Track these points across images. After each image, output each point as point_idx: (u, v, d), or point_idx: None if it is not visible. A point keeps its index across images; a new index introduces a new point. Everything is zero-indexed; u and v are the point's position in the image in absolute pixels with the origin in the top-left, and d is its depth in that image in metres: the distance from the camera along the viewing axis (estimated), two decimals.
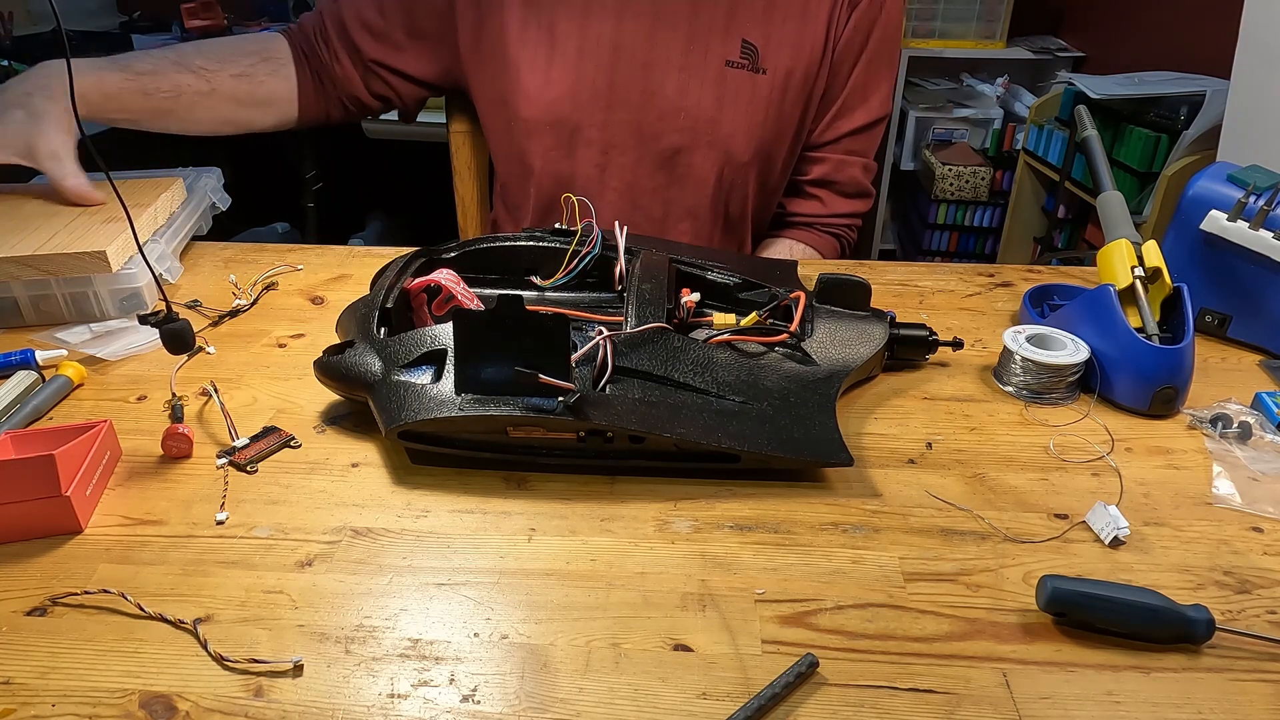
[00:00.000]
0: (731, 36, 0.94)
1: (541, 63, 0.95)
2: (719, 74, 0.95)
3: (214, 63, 0.97)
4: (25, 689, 0.43)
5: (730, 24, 0.94)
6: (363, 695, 0.43)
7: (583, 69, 0.95)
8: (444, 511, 0.56)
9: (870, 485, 0.58)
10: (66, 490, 0.52)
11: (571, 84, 0.95)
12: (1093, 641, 0.46)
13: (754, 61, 0.95)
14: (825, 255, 1.08)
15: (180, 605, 0.48)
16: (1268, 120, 1.29)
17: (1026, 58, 2.54)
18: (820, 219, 1.09)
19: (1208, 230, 0.73)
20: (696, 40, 0.94)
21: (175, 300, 0.82)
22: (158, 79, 0.93)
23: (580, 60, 0.94)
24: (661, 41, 0.94)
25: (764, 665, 0.45)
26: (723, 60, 0.94)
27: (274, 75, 1.01)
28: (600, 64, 0.94)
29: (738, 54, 0.94)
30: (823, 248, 1.09)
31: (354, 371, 0.60)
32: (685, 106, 0.95)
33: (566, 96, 0.95)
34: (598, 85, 0.95)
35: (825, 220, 1.09)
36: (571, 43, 0.95)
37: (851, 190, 1.07)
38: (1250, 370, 0.73)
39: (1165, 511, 0.56)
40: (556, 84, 0.95)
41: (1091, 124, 0.83)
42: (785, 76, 0.96)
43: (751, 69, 0.95)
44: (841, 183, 1.06)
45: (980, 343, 0.76)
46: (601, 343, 0.58)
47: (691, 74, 0.94)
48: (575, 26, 0.94)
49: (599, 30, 0.94)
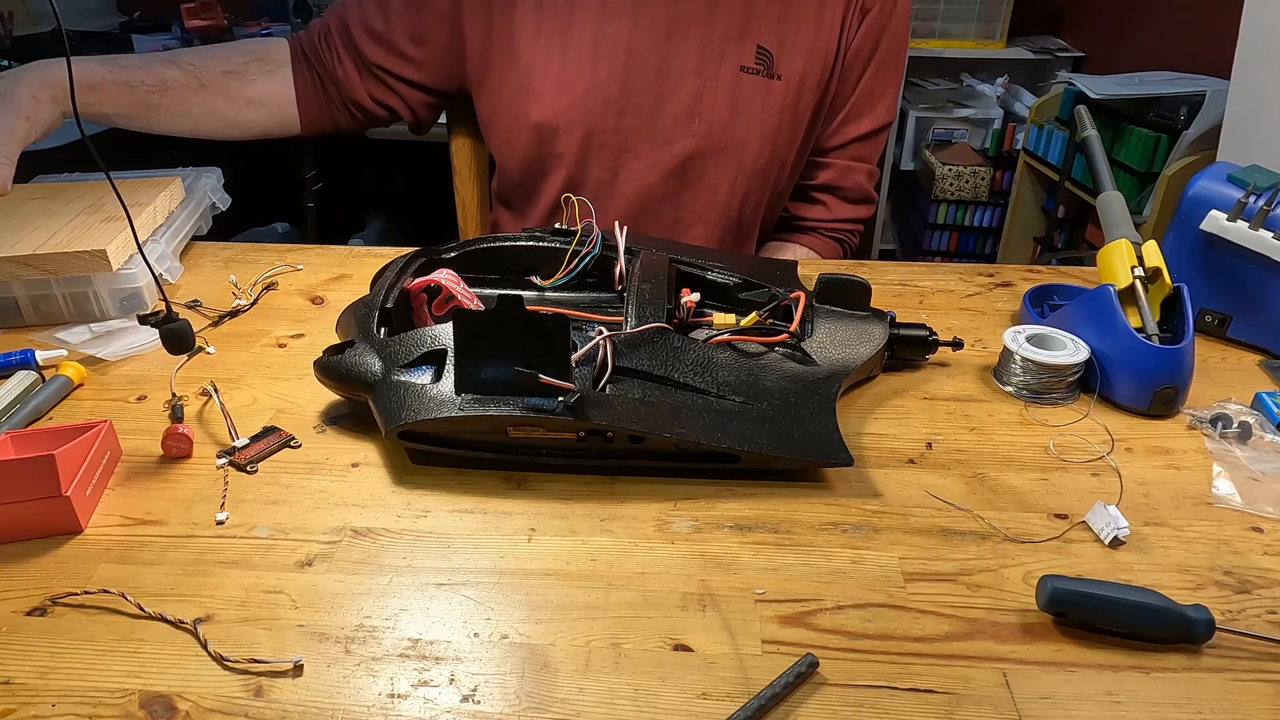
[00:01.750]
0: (746, 42, 0.94)
1: (554, 67, 0.95)
2: (733, 80, 0.94)
3: (204, 60, 0.98)
4: (25, 689, 0.43)
5: (745, 30, 0.94)
6: (363, 695, 0.43)
7: (596, 73, 0.94)
8: (444, 511, 0.56)
9: (870, 485, 0.58)
10: (66, 490, 0.52)
11: (585, 88, 0.94)
12: (1093, 641, 0.46)
13: (769, 67, 0.94)
14: (827, 259, 1.08)
15: (180, 605, 0.48)
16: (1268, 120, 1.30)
17: (1026, 58, 2.54)
18: (824, 224, 1.09)
19: (1208, 230, 0.73)
20: (711, 46, 0.94)
21: (175, 300, 0.82)
22: (143, 73, 0.93)
23: (594, 65, 0.94)
24: (676, 46, 0.94)
25: (764, 665, 0.45)
26: (737, 66, 0.94)
27: (267, 75, 1.00)
28: (614, 68, 0.94)
29: (752, 60, 0.94)
30: (825, 252, 1.09)
31: (354, 371, 0.60)
32: (699, 112, 0.95)
33: (580, 101, 0.95)
34: (611, 90, 0.94)
35: (829, 225, 1.09)
36: (585, 47, 0.94)
37: (856, 196, 1.07)
38: (1250, 370, 0.73)
39: (1165, 511, 0.56)
40: (569, 88, 0.95)
41: (1091, 124, 0.82)
42: (799, 82, 0.96)
43: (766, 75, 0.95)
44: (847, 188, 1.06)
45: (980, 343, 0.76)
46: (601, 343, 0.58)
47: (706, 79, 0.94)
48: (589, 31, 0.94)
49: (614, 34, 0.94)
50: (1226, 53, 1.38)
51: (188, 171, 0.98)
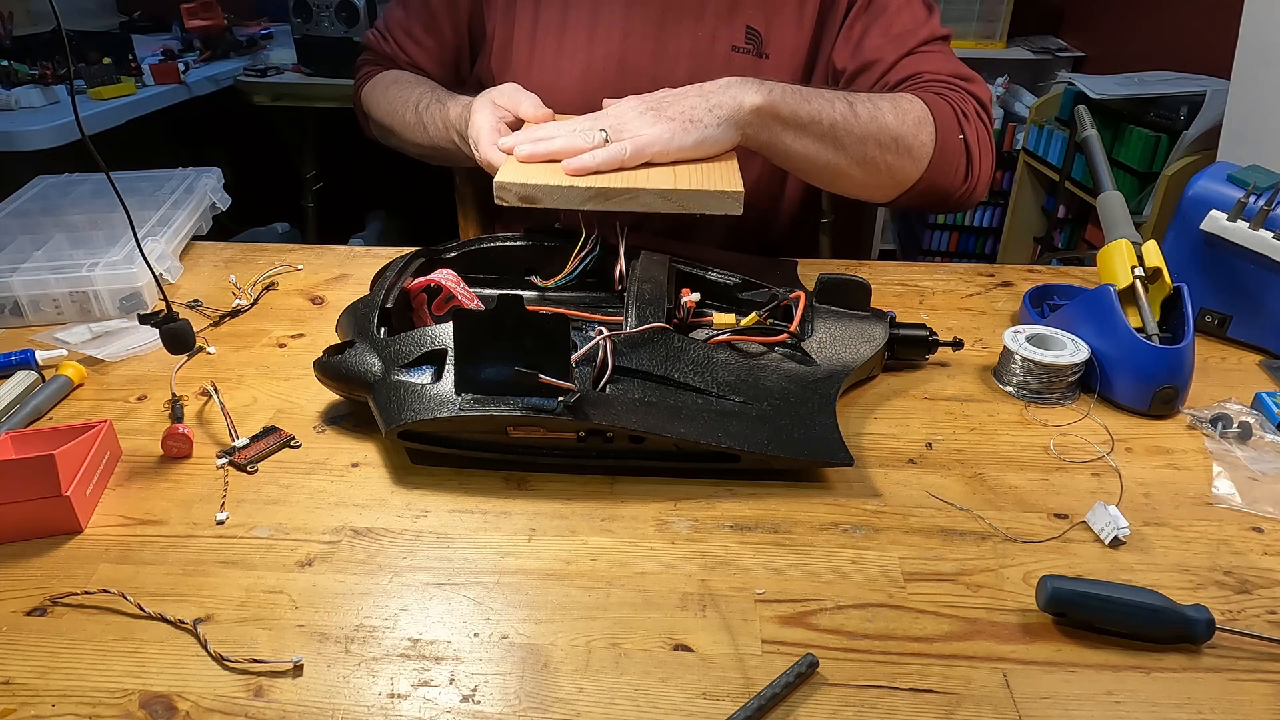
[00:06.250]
0: (735, 23, 0.95)
1: (551, 51, 0.96)
2: (726, 60, 0.95)
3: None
4: (25, 689, 0.43)
5: (734, 10, 0.94)
6: (363, 695, 0.43)
7: (593, 56, 0.95)
8: (444, 511, 0.56)
9: (870, 485, 0.58)
10: (66, 490, 0.52)
11: (582, 71, 0.96)
12: (1093, 641, 0.46)
13: (758, 47, 0.95)
14: (937, 114, 0.85)
15: (180, 605, 0.48)
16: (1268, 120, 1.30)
17: (1026, 58, 2.54)
18: (921, 81, 0.89)
19: (1208, 230, 0.73)
20: (703, 27, 0.95)
21: (175, 300, 0.82)
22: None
23: (590, 47, 0.96)
24: (670, 29, 0.95)
25: (764, 665, 0.45)
26: (729, 46, 0.95)
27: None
28: (610, 51, 0.95)
29: (743, 39, 0.95)
30: (937, 114, 0.85)
31: (354, 371, 0.60)
32: None
33: (577, 84, 0.96)
34: (608, 72, 0.95)
35: (925, 81, 0.88)
36: (582, 30, 0.96)
37: (945, 73, 0.88)
38: (1250, 370, 0.73)
39: (1165, 511, 0.56)
40: (567, 72, 0.96)
41: (1091, 124, 0.82)
42: (789, 60, 0.96)
43: (756, 54, 0.95)
44: (924, 73, 0.88)
45: (980, 343, 0.76)
46: (601, 343, 0.58)
47: (699, 60, 0.95)
48: (585, 14, 0.96)
49: (609, 18, 0.95)
50: (1226, 53, 1.38)
51: (188, 171, 0.98)
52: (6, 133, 1.56)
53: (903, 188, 0.85)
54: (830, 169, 0.82)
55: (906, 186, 0.85)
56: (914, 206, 0.91)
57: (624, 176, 0.71)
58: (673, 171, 0.73)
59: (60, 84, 1.74)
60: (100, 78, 1.77)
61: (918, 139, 0.82)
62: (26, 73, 1.75)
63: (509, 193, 0.70)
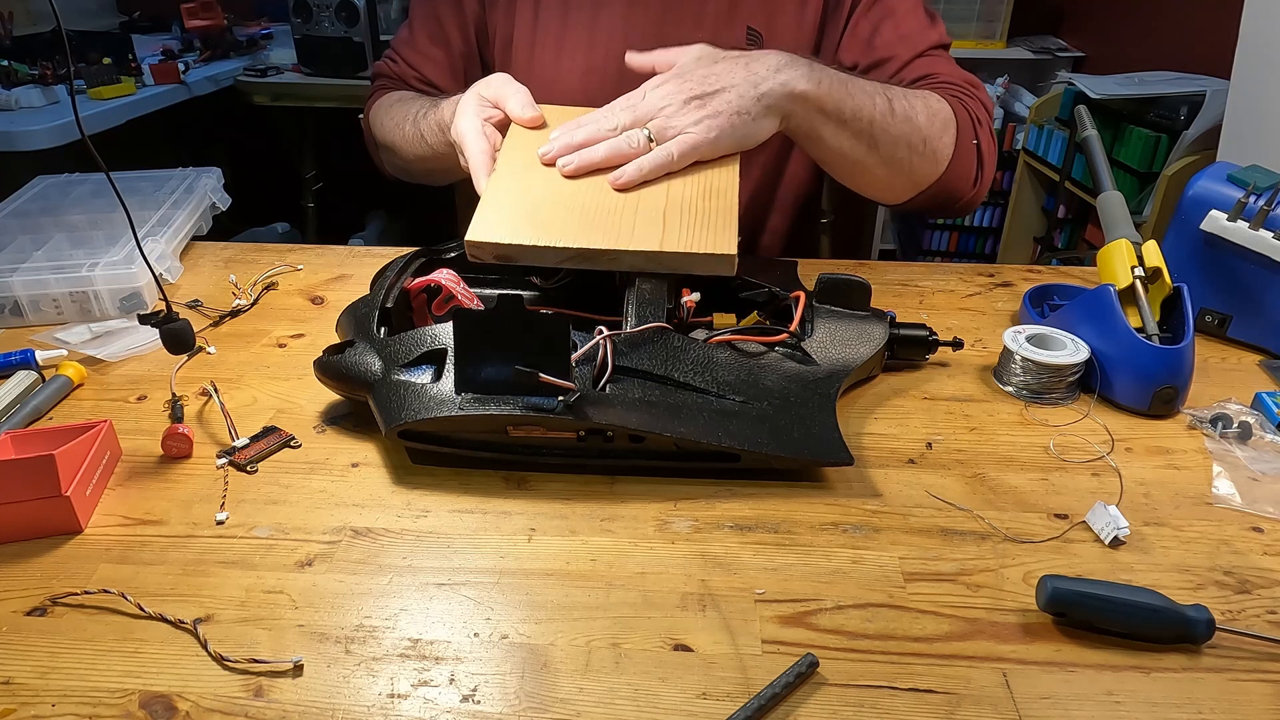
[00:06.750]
0: (736, 23, 0.95)
1: (551, 53, 0.96)
2: None
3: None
4: (25, 689, 0.43)
5: (734, 11, 0.94)
6: (363, 695, 0.43)
7: (593, 58, 0.95)
8: (444, 511, 0.56)
9: (870, 485, 0.58)
10: (66, 490, 0.52)
11: (582, 73, 0.96)
12: (1093, 641, 0.46)
13: (759, 47, 0.95)
14: (959, 117, 0.85)
15: (180, 605, 0.48)
16: (1268, 120, 1.30)
17: (1026, 58, 2.54)
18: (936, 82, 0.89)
19: (1208, 230, 0.73)
20: (704, 28, 0.94)
21: (175, 300, 0.82)
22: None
23: (590, 47, 0.95)
24: (671, 29, 0.95)
25: (764, 665, 0.45)
26: (729, 46, 0.95)
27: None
28: (611, 53, 0.95)
29: (744, 41, 0.94)
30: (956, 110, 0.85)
31: (354, 371, 0.60)
32: None
33: (577, 84, 0.96)
34: (608, 74, 0.95)
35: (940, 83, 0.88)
36: (582, 32, 0.96)
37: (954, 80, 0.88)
38: (1250, 370, 0.73)
39: (1165, 511, 0.56)
40: (567, 72, 0.96)
41: (1091, 124, 0.82)
42: None
43: None
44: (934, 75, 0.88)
45: (980, 343, 0.76)
46: (601, 342, 0.58)
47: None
48: (586, 16, 0.96)
49: (609, 20, 0.95)
50: (1226, 53, 1.38)
51: (188, 171, 0.98)
52: (6, 133, 1.56)
53: (919, 189, 0.85)
54: (858, 165, 0.81)
55: (923, 188, 0.85)
56: (920, 208, 0.91)
57: (607, 237, 0.65)
58: (661, 227, 0.66)
59: (60, 84, 1.74)
60: (100, 78, 1.78)
61: (942, 141, 0.82)
62: (26, 73, 1.75)
63: (484, 251, 0.64)
